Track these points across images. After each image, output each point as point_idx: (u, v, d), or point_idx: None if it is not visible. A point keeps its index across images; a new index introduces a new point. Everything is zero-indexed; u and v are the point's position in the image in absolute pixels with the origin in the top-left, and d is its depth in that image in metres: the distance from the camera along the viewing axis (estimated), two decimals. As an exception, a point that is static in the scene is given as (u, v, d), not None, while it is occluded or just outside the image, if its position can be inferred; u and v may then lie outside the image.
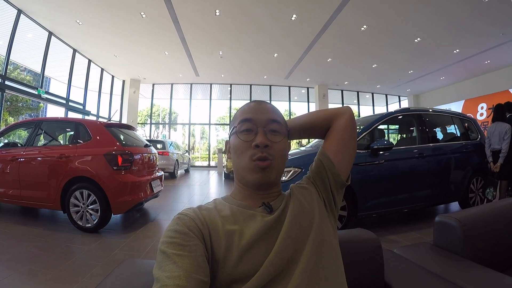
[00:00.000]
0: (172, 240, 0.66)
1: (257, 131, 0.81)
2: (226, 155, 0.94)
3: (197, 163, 23.46)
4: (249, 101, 0.96)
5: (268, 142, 0.79)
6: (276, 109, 0.89)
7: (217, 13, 9.19)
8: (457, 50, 11.84)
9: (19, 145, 4.71)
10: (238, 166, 0.83)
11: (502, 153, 4.81)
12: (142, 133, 21.58)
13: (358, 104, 20.12)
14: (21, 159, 4.36)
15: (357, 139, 4.05)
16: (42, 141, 4.80)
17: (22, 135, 5.08)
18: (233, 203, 0.83)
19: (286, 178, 3.62)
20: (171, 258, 0.62)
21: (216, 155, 17.67)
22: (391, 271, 1.14)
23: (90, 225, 3.98)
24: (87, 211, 3.97)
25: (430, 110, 5.13)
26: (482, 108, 15.07)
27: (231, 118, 0.90)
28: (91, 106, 14.43)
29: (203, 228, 0.71)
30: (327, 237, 0.79)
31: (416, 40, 10.92)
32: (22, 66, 14.10)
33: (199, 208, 0.80)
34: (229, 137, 0.89)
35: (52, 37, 10.95)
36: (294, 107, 20.80)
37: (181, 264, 0.60)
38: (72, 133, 4.58)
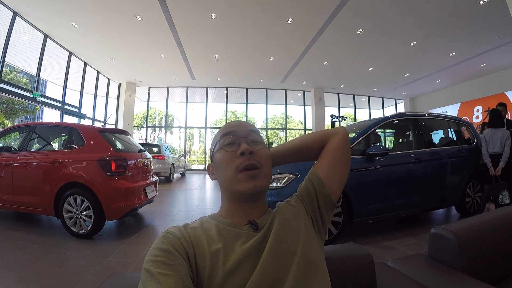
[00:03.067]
0: (157, 258, 0.64)
1: (240, 141, 0.83)
2: (211, 178, 0.91)
3: (193, 167, 23.43)
4: (232, 114, 0.98)
5: (252, 149, 0.81)
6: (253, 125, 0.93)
7: (213, 17, 9.17)
8: (453, 53, 11.88)
9: (13, 149, 4.67)
10: (225, 179, 0.82)
11: (506, 156, 4.71)
12: (139, 136, 21.55)
13: (354, 108, 20.10)
14: (15, 164, 4.32)
15: (353, 145, 4.07)
16: (36, 146, 4.76)
17: (16, 139, 5.03)
18: (220, 221, 0.82)
19: (281, 184, 3.60)
20: (155, 278, 0.60)
21: (212, 158, 17.57)
22: (384, 287, 1.11)
23: (83, 231, 3.93)
24: (81, 217, 3.93)
25: (426, 115, 5.13)
26: (478, 111, 15.12)
27: (216, 133, 0.91)
28: (86, 109, 14.38)
29: (188, 248, 0.70)
30: (314, 257, 0.77)
31: (412, 44, 10.94)
32: (18, 69, 14.00)
33: (185, 226, 0.79)
34: (211, 159, 0.91)
35: (48, 39, 10.89)
36: (291, 110, 20.91)
37: (166, 284, 0.59)
38: (66, 138, 4.55)
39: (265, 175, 0.82)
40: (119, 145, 4.61)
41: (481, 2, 7.89)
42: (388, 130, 7.53)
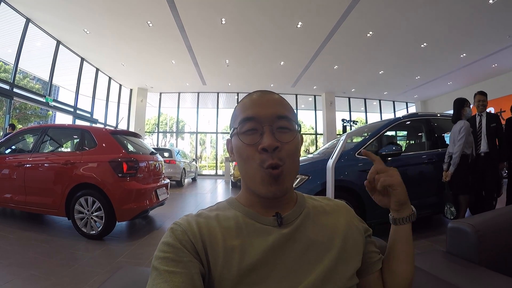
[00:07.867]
0: (165, 254, 0.59)
1: (263, 130, 0.67)
2: (230, 158, 0.80)
3: (204, 172, 23.50)
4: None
5: (278, 143, 0.66)
6: (284, 100, 0.76)
7: (223, 22, 9.23)
8: (464, 55, 11.76)
9: (25, 151, 4.72)
10: (245, 174, 0.70)
11: (454, 157, 3.90)
12: (150, 142, 21.69)
13: (366, 112, 20.01)
14: (27, 165, 4.37)
15: (365, 146, 4.03)
16: (48, 147, 4.81)
17: (28, 141, 5.09)
18: (241, 210, 0.72)
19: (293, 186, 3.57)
20: (163, 276, 0.56)
21: (223, 164, 17.65)
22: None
23: (94, 232, 3.94)
24: (92, 218, 3.94)
25: (439, 115, 5.05)
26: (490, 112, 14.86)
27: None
28: (98, 115, 14.61)
29: (196, 242, 0.63)
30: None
31: (422, 46, 10.87)
32: (31, 75, 14.27)
33: (198, 215, 0.70)
34: (231, 137, 0.75)
35: (60, 45, 11.10)
36: (301, 115, 20.79)
37: (173, 284, 0.54)
38: (78, 140, 4.60)
39: (289, 174, 0.68)
40: (130, 147, 4.63)
41: (491, 1, 7.81)
42: (400, 131, 7.42)
